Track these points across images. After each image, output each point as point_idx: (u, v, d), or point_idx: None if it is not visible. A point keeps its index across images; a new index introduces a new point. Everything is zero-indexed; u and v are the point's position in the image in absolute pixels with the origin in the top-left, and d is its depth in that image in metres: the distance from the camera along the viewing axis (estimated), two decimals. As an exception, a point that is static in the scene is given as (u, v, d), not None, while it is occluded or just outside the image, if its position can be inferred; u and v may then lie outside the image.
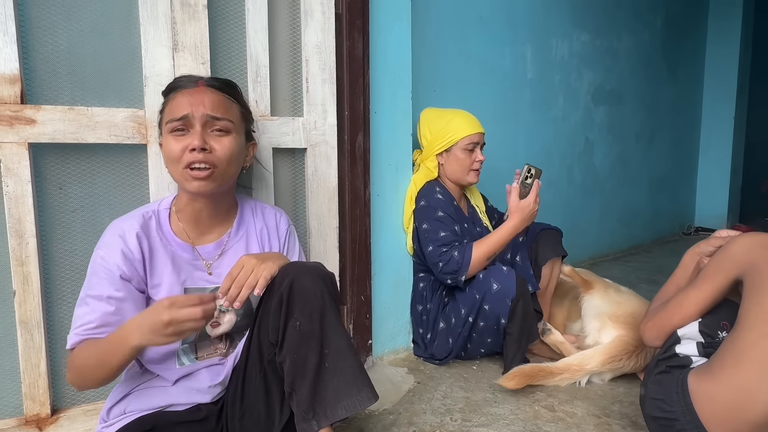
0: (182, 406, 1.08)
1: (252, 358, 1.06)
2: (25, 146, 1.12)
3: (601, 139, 3.36)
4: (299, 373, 1.00)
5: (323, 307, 1.00)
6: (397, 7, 1.67)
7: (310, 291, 1.00)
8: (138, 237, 1.02)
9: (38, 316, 1.16)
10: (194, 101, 1.02)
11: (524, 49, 2.65)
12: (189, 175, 1.02)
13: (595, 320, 1.68)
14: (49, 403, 1.19)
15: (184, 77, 1.09)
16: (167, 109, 1.05)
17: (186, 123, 1.01)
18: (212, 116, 1.03)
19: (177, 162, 1.02)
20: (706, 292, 1.15)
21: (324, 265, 1.08)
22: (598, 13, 3.17)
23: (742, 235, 1.13)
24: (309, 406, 0.99)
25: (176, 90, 1.05)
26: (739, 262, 1.09)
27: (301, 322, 0.99)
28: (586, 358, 1.58)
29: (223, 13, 1.35)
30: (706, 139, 4.57)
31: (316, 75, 1.46)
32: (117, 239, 1.01)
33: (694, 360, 1.12)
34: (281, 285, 1.00)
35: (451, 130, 1.75)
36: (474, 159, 1.77)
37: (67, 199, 1.22)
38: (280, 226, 1.23)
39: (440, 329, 1.73)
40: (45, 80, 1.16)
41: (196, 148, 1.00)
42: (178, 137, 1.02)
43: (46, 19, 1.15)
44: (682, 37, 4.14)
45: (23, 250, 1.14)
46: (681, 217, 4.48)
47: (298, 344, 0.99)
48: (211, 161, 1.02)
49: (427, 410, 1.44)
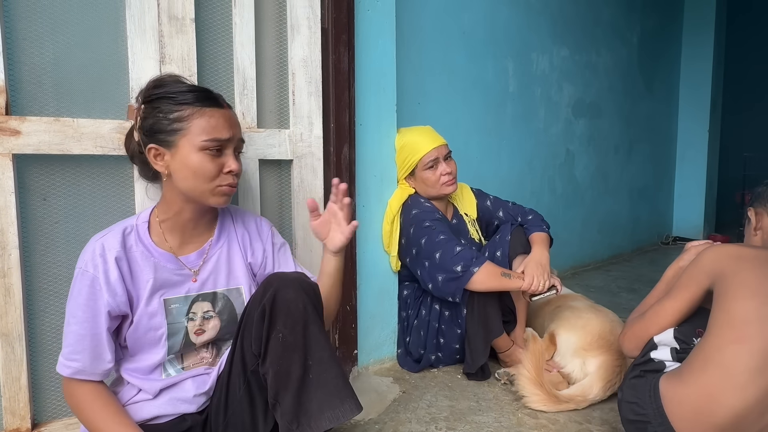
0: (168, 417, 1.08)
1: (235, 368, 1.07)
2: (9, 157, 1.12)
3: (581, 151, 3.44)
4: (283, 384, 1.00)
5: (306, 319, 1.01)
6: (382, 23, 1.71)
7: (293, 303, 1.01)
8: (117, 260, 1.02)
9: (20, 329, 1.15)
10: (232, 124, 1.07)
11: (506, 63, 2.72)
12: (220, 191, 1.06)
13: (574, 357, 1.64)
14: (29, 417, 1.17)
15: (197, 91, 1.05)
16: (197, 123, 1.01)
17: (224, 145, 1.04)
18: (241, 140, 1.10)
19: (210, 180, 1.03)
20: (681, 302, 1.19)
21: (308, 275, 1.10)
22: (577, 30, 3.27)
23: (711, 247, 1.19)
24: (293, 417, 0.99)
25: (196, 104, 1.02)
26: (708, 272, 1.14)
27: (284, 334, 1.00)
28: (586, 388, 1.55)
29: (211, 26, 1.37)
30: (682, 152, 4.71)
31: (303, 88, 1.49)
32: (98, 260, 1.00)
33: (668, 365, 1.15)
34: (264, 297, 1.01)
35: (407, 154, 1.76)
36: (440, 174, 1.75)
37: (51, 210, 1.21)
38: (262, 228, 1.24)
39: (414, 326, 1.78)
40: (31, 91, 1.16)
41: (234, 171, 1.06)
42: (213, 157, 1.03)
43: (33, 31, 1.16)
44: (657, 53, 4.28)
45: (5, 261, 1.13)
46: (660, 227, 4.59)
47: (281, 356, 1.00)
48: (236, 182, 1.09)
49: (412, 419, 1.45)
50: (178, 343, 1.09)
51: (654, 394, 1.10)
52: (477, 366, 1.66)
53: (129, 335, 1.05)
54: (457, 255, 1.60)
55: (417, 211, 1.74)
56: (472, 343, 1.66)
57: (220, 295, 1.14)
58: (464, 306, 1.66)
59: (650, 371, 1.16)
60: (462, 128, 2.49)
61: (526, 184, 2.98)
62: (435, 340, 1.76)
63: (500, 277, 1.59)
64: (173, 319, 1.07)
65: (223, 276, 1.14)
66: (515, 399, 1.58)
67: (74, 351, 1.00)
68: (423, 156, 1.73)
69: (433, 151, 1.73)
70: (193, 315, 1.10)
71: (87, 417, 1.01)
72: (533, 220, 1.85)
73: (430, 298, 1.77)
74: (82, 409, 1.01)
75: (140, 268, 1.05)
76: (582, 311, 1.78)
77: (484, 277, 1.57)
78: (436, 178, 1.75)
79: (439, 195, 1.79)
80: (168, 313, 1.07)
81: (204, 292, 1.12)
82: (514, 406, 1.54)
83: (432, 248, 1.65)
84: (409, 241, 1.73)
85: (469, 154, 2.52)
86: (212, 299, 1.13)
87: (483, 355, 1.65)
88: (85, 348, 1.00)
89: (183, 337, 1.09)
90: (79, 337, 1.00)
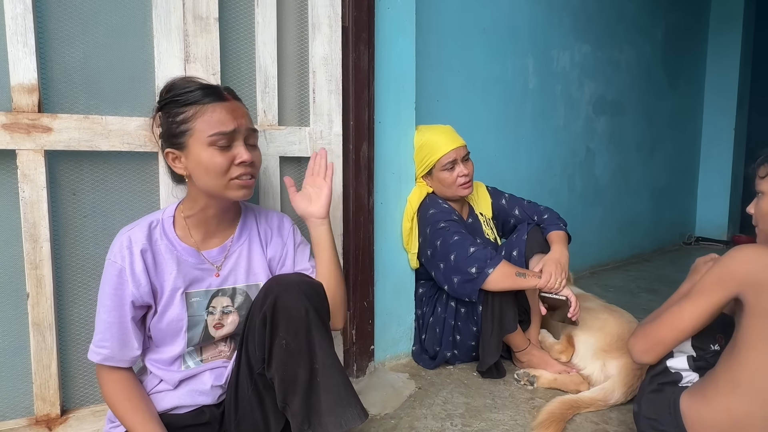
0: (187, 408, 1.12)
1: (242, 370, 1.08)
2: (41, 153, 1.16)
3: (602, 149, 3.39)
4: (291, 389, 1.01)
5: (308, 325, 1.01)
6: (402, 21, 1.72)
7: (294, 309, 1.01)
8: (143, 252, 1.05)
9: (50, 318, 1.19)
10: (237, 115, 1.05)
11: (526, 60, 2.70)
12: (237, 184, 1.06)
13: (594, 359, 1.62)
14: (59, 404, 1.22)
15: (197, 86, 1.05)
16: (202, 121, 1.02)
17: (231, 137, 1.04)
18: (252, 129, 1.09)
19: (223, 174, 1.04)
20: (701, 307, 1.05)
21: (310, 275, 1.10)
22: (600, 26, 3.22)
23: (743, 249, 1.03)
24: (304, 418, 1.01)
25: (200, 102, 1.03)
26: (739, 278, 1.00)
27: (287, 341, 1.01)
28: (608, 392, 1.53)
29: (234, 25, 1.39)
30: (706, 150, 4.61)
31: (323, 86, 1.50)
32: (125, 251, 1.04)
33: (684, 375, 1.09)
34: (264, 303, 1.02)
35: (425, 153, 1.76)
36: (457, 175, 1.75)
37: (80, 204, 1.25)
38: (284, 226, 1.26)
39: (430, 323, 1.80)
40: (61, 90, 1.20)
41: (246, 161, 1.05)
42: (223, 151, 1.03)
43: (64, 31, 1.20)
44: (682, 50, 4.19)
45: (37, 253, 1.17)
46: (681, 227, 4.51)
47: (286, 362, 1.01)
48: (252, 172, 1.08)
49: (427, 415, 1.47)
50: (198, 336, 1.12)
51: (674, 411, 1.03)
52: (487, 364, 1.66)
53: (153, 326, 1.09)
54: (471, 256, 1.60)
55: (434, 211, 1.75)
56: (485, 340, 1.66)
57: (240, 290, 1.16)
58: (480, 304, 1.66)
59: (668, 383, 1.10)
60: (481, 126, 2.48)
61: (545, 182, 2.95)
62: (451, 338, 1.77)
63: (515, 277, 1.58)
64: (194, 312, 1.10)
65: (243, 272, 1.17)
66: (531, 397, 1.58)
67: (103, 338, 1.05)
68: (441, 157, 1.73)
69: (451, 153, 1.73)
70: (213, 309, 1.13)
71: (113, 404, 1.06)
72: (549, 219, 1.84)
73: (446, 295, 1.77)
74: (109, 395, 1.06)
75: (164, 260, 1.08)
76: (598, 312, 1.77)
77: (499, 278, 1.58)
78: (453, 180, 1.75)
79: (454, 196, 1.80)
80: (189, 306, 1.10)
81: (224, 288, 1.14)
82: (530, 404, 1.54)
83: (447, 250, 1.65)
84: (426, 241, 1.74)
85: (488, 152, 2.51)
86: (232, 294, 1.15)
87: (495, 353, 1.65)
88: (113, 335, 1.04)
89: (202, 330, 1.12)
90: (107, 324, 1.04)
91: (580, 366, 1.65)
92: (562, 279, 1.60)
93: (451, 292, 1.68)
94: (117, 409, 1.05)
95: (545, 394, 1.60)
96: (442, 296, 1.79)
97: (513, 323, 1.65)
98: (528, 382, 1.66)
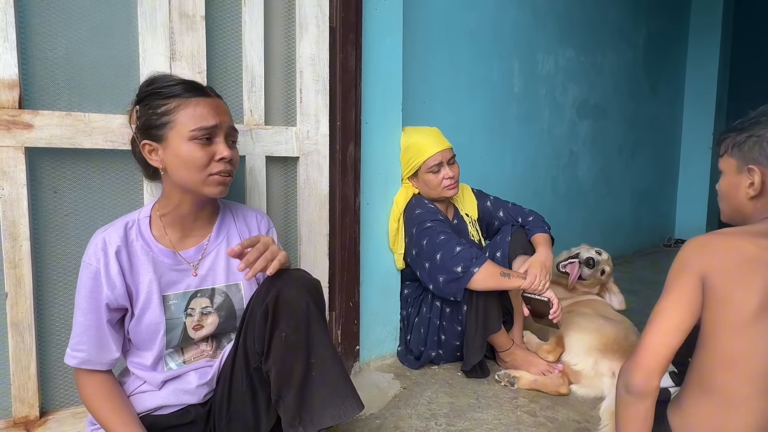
0: (172, 408, 1.10)
1: (238, 365, 1.08)
2: (21, 150, 1.14)
3: (585, 152, 3.45)
4: (286, 382, 1.02)
5: (309, 318, 1.02)
6: (389, 22, 1.72)
7: (296, 302, 1.01)
8: (117, 253, 1.04)
9: (30, 319, 1.17)
10: (219, 111, 1.06)
11: (512, 63, 2.73)
12: (215, 180, 1.05)
13: (587, 356, 1.64)
14: (38, 406, 1.20)
15: (179, 82, 1.06)
16: (184, 114, 1.02)
17: (212, 132, 1.04)
18: (232, 128, 1.09)
19: (202, 169, 1.03)
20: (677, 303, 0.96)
21: (311, 272, 1.10)
22: (583, 31, 3.27)
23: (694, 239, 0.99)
24: (295, 413, 1.01)
25: (182, 96, 1.03)
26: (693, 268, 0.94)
27: (287, 333, 1.01)
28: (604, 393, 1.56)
29: (221, 24, 1.38)
30: (686, 154, 4.71)
31: (310, 86, 1.50)
32: (100, 253, 1.03)
33: (672, 392, 1.07)
34: (267, 296, 1.02)
35: (411, 155, 1.77)
36: (442, 177, 1.76)
37: (62, 203, 1.23)
38: (261, 224, 1.25)
39: (415, 324, 1.80)
40: (43, 86, 1.18)
41: (226, 158, 1.05)
42: (203, 146, 1.03)
43: (47, 26, 1.18)
44: (663, 55, 4.28)
45: (17, 252, 1.15)
46: (661, 230, 4.60)
47: (284, 355, 1.01)
48: (230, 170, 1.08)
49: (412, 415, 1.47)
50: (176, 338, 1.10)
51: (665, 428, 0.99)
52: (471, 364, 1.68)
53: (131, 329, 1.08)
54: (457, 255, 1.62)
55: (420, 211, 1.76)
56: (469, 340, 1.68)
57: (219, 290, 1.15)
58: (465, 303, 1.68)
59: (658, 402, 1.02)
60: (467, 127, 2.50)
61: (529, 184, 2.99)
62: (436, 337, 1.78)
63: (500, 277, 1.60)
64: (171, 315, 1.09)
65: (222, 272, 1.15)
66: (514, 397, 1.59)
67: (80, 341, 1.03)
68: (427, 159, 1.74)
69: (437, 155, 1.75)
70: (192, 311, 1.11)
71: (92, 407, 1.04)
72: (534, 221, 1.86)
73: (432, 296, 1.78)
74: (88, 398, 1.05)
75: (140, 262, 1.07)
76: (594, 317, 1.81)
77: (483, 277, 1.59)
78: (438, 182, 1.76)
79: (440, 197, 1.81)
80: (167, 309, 1.08)
81: (202, 288, 1.13)
82: (514, 404, 1.56)
83: (433, 249, 1.67)
84: (412, 241, 1.74)
85: (473, 154, 2.53)
86: (210, 295, 1.14)
87: (479, 353, 1.66)
88: (90, 338, 1.03)
89: (181, 332, 1.11)
90: (84, 327, 1.03)
91: (572, 362, 1.67)
92: (546, 281, 1.62)
93: (436, 291, 1.69)
94: (96, 412, 1.04)
95: (528, 394, 1.63)
96: (428, 297, 1.80)
97: (497, 323, 1.67)
98: (509, 383, 1.67)
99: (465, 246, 1.65)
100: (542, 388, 1.64)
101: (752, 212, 1.03)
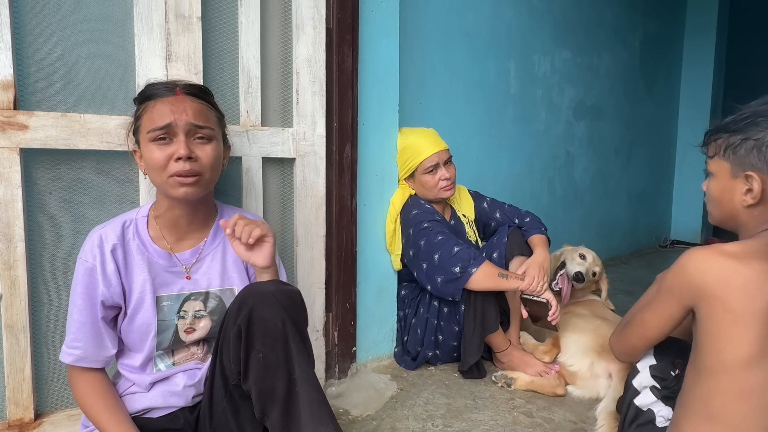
0: (160, 411, 1.10)
1: (217, 382, 1.05)
2: (16, 151, 1.13)
3: (581, 153, 3.46)
4: (269, 400, 0.99)
5: (286, 336, 0.98)
6: (386, 23, 1.72)
7: (270, 321, 0.97)
8: (113, 251, 1.04)
9: (24, 320, 1.17)
10: (176, 109, 1.01)
11: (508, 64, 2.73)
12: (176, 181, 1.01)
13: (584, 357, 1.64)
14: (32, 408, 1.19)
15: (160, 84, 1.06)
16: (146, 116, 1.02)
17: (169, 132, 1.00)
18: (195, 125, 1.03)
19: (162, 170, 1.01)
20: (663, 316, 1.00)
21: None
22: (579, 32, 3.28)
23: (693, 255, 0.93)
24: (283, 427, 0.98)
25: (153, 98, 1.03)
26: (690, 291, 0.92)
27: (264, 354, 0.97)
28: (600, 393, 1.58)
29: (217, 25, 1.38)
30: (681, 155, 4.73)
31: (306, 87, 1.50)
32: (96, 250, 1.03)
33: (656, 411, 1.06)
34: (239, 316, 0.98)
35: (408, 156, 1.77)
36: (439, 179, 1.77)
37: (57, 204, 1.23)
38: None
39: (412, 325, 1.81)
40: (38, 87, 1.18)
41: (182, 157, 1.00)
42: (161, 146, 1.00)
43: (42, 26, 1.17)
44: (659, 56, 4.29)
45: (11, 254, 1.14)
46: (657, 230, 4.61)
47: (263, 375, 0.98)
48: (197, 170, 1.02)
49: (409, 416, 1.47)
50: (167, 340, 1.09)
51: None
52: (469, 364, 1.68)
53: (123, 329, 1.07)
54: (455, 256, 1.62)
55: (417, 211, 1.76)
56: (467, 339, 1.68)
57: (213, 294, 1.14)
58: (463, 303, 1.68)
59: (643, 424, 1.05)
60: (463, 129, 2.51)
61: (525, 185, 2.99)
62: (433, 337, 1.78)
63: (498, 277, 1.60)
64: (164, 316, 1.08)
65: (217, 275, 1.14)
66: (511, 398, 1.60)
67: (76, 339, 1.03)
68: (424, 160, 1.75)
69: (434, 156, 1.75)
70: (184, 313, 1.11)
71: (86, 405, 1.04)
72: (531, 222, 1.87)
73: (429, 296, 1.78)
74: (81, 396, 1.04)
75: (135, 261, 1.06)
76: (590, 318, 1.81)
77: (481, 278, 1.59)
78: (435, 183, 1.77)
79: (437, 198, 1.81)
80: (159, 310, 1.07)
81: (196, 291, 1.12)
82: (510, 405, 1.56)
83: (431, 249, 1.67)
84: (409, 242, 1.74)
85: (470, 155, 2.54)
86: (204, 299, 1.13)
87: (476, 353, 1.67)
88: (86, 335, 1.03)
89: (173, 334, 1.10)
90: (80, 324, 1.03)
91: (568, 363, 1.67)
92: (543, 282, 1.63)
93: (434, 291, 1.69)
94: (90, 410, 1.03)
95: (525, 395, 1.63)
96: (425, 297, 1.80)
97: (495, 323, 1.67)
98: (505, 384, 1.68)
99: (463, 246, 1.65)
100: (539, 389, 1.65)
101: (748, 220, 0.97)
